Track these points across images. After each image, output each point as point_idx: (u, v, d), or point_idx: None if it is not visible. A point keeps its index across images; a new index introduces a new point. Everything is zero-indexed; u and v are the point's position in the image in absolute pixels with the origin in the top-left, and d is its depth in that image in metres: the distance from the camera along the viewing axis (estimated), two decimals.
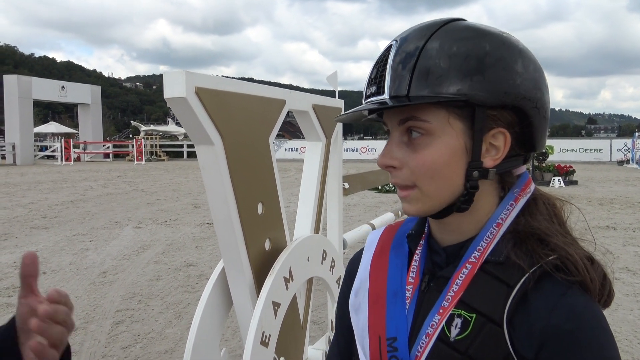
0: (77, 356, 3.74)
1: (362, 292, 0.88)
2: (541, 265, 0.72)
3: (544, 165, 16.45)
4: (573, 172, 16.35)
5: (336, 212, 2.99)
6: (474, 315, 0.73)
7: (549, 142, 28.45)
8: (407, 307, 0.81)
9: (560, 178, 15.74)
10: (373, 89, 0.77)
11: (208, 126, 1.77)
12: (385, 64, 0.76)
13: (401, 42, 0.76)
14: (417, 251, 0.85)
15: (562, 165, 16.58)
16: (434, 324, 0.75)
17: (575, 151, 29.27)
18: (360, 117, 0.85)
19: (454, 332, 0.74)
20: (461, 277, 0.75)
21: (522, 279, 0.72)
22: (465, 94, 0.72)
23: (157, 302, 4.93)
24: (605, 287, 0.74)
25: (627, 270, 5.94)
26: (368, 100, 0.78)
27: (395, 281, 0.84)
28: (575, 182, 16.15)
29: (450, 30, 0.75)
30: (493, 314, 0.72)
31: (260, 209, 2.10)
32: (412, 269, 0.83)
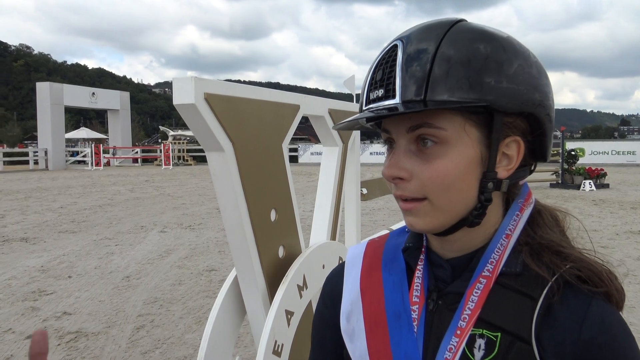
0: None
1: (354, 316, 0.80)
2: (561, 275, 0.68)
3: (574, 168, 16.06)
4: (604, 175, 15.92)
5: (354, 218, 2.94)
6: (499, 333, 0.67)
7: (580, 144, 28.06)
8: (415, 330, 0.73)
9: (591, 181, 15.34)
10: (379, 92, 0.70)
11: (218, 132, 1.75)
12: (394, 66, 0.69)
13: (408, 42, 0.70)
14: (418, 267, 0.78)
15: (593, 168, 16.15)
16: (452, 347, 0.69)
17: (607, 153, 28.52)
18: (353, 125, 0.77)
19: (478, 354, 0.68)
20: (476, 292, 0.69)
21: (545, 291, 0.67)
22: (486, 99, 0.66)
23: (178, 307, 4.95)
24: (623, 297, 0.71)
25: None
26: (372, 105, 0.71)
27: (396, 301, 0.77)
28: (606, 186, 15.73)
29: (462, 32, 0.69)
30: (520, 331, 0.67)
31: (273, 215, 2.07)
32: (415, 287, 0.76)
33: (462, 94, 0.66)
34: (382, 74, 0.70)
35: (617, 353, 0.65)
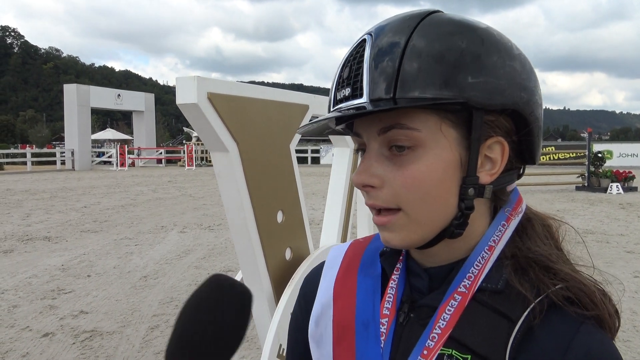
0: None
1: (324, 321, 0.75)
2: (547, 295, 0.61)
3: (600, 170, 15.70)
4: (633, 178, 15.53)
5: (366, 220, 2.89)
6: (469, 356, 0.61)
7: (608, 146, 27.44)
8: (382, 343, 0.68)
9: (618, 184, 14.98)
10: (346, 91, 0.63)
11: (222, 132, 1.73)
12: (361, 62, 0.63)
13: (377, 36, 0.63)
14: (393, 276, 0.72)
15: (621, 170, 15.76)
16: None
17: (637, 156, 27.83)
18: (324, 129, 0.71)
19: None
20: (449, 310, 0.63)
21: (526, 312, 0.60)
22: (464, 95, 0.60)
23: None
24: (618, 321, 0.63)
25: None
26: (339, 106, 0.64)
27: (366, 309, 0.71)
28: (634, 189, 15.33)
29: (435, 24, 0.63)
30: (492, 354, 0.60)
31: (280, 217, 2.04)
32: (387, 297, 0.70)
33: (436, 90, 0.59)
34: (349, 72, 0.64)
35: None
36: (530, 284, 0.62)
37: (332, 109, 0.67)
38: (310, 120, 0.68)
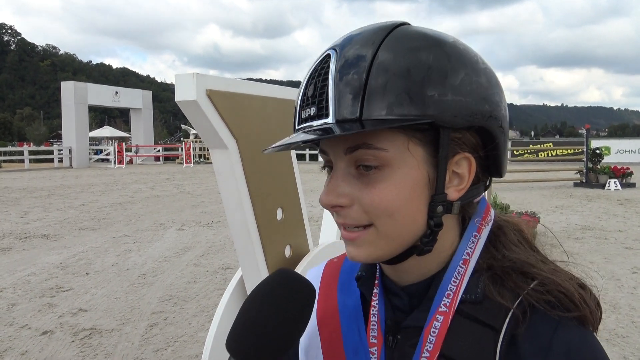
0: (110, 358, 3.78)
1: (313, 351, 0.75)
2: (525, 299, 0.61)
3: (598, 167, 15.72)
4: (631, 174, 15.56)
5: None
6: None
7: (606, 142, 27.48)
8: None
9: (616, 180, 15.00)
10: (311, 110, 0.62)
11: (221, 129, 1.72)
12: (326, 80, 0.61)
13: (342, 51, 0.62)
14: (373, 302, 0.72)
15: (619, 167, 15.79)
16: None
17: (635, 152, 27.86)
18: (289, 147, 0.69)
19: None
20: (434, 331, 0.63)
21: (507, 320, 0.61)
22: (430, 115, 0.58)
23: (192, 304, 4.96)
24: (600, 314, 0.64)
25: None
26: (304, 125, 0.63)
27: (353, 336, 0.71)
28: (632, 185, 15.37)
29: (401, 38, 0.61)
30: None
31: (279, 214, 2.04)
32: (372, 325, 0.70)
33: (402, 110, 0.58)
34: (313, 89, 0.62)
35: None
36: (509, 291, 0.63)
37: (297, 127, 0.65)
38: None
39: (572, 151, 18.98)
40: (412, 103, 0.58)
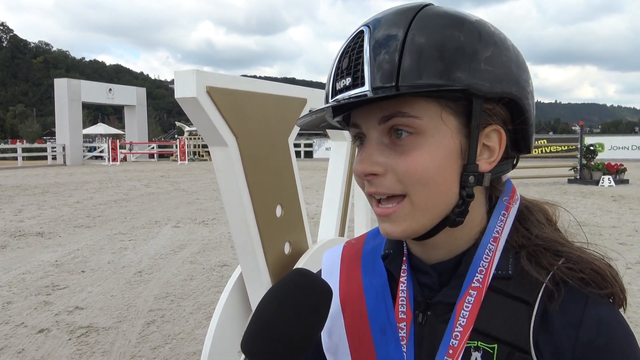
0: (107, 356, 3.77)
1: (336, 332, 0.75)
2: (557, 275, 0.63)
3: (592, 163, 15.80)
4: (624, 170, 15.64)
5: (363, 214, 2.89)
6: (495, 345, 0.62)
7: (599, 139, 27.56)
8: (405, 347, 0.68)
9: (610, 177, 15.08)
10: (347, 81, 0.63)
11: (221, 127, 1.72)
12: (361, 52, 0.63)
13: (376, 28, 0.64)
14: (401, 278, 0.72)
15: (613, 163, 15.87)
16: None
17: (628, 149, 27.98)
18: (321, 121, 0.71)
19: None
20: (467, 305, 0.64)
21: (540, 293, 0.62)
22: (464, 83, 0.60)
23: (189, 302, 4.95)
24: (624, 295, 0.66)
25: None
26: (338, 96, 0.64)
27: (380, 314, 0.71)
28: (626, 181, 15.45)
29: (432, 16, 0.64)
30: (518, 340, 0.62)
31: (279, 211, 2.04)
32: (400, 302, 0.71)
33: (436, 79, 0.60)
34: (348, 62, 0.64)
35: (617, 355, 0.61)
36: (542, 268, 0.64)
37: (330, 100, 0.66)
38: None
39: (566, 148, 19.03)
40: (446, 71, 0.60)
